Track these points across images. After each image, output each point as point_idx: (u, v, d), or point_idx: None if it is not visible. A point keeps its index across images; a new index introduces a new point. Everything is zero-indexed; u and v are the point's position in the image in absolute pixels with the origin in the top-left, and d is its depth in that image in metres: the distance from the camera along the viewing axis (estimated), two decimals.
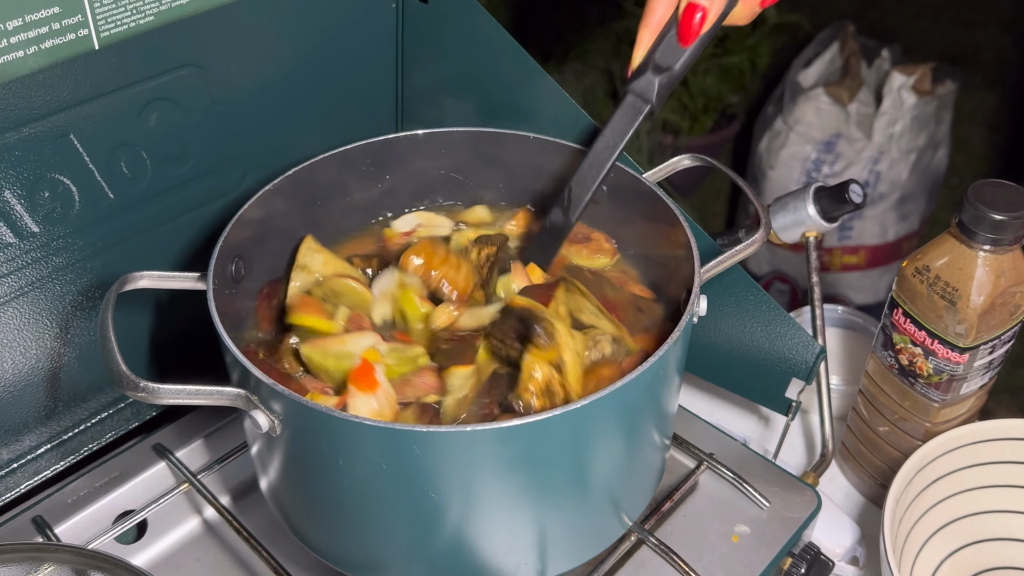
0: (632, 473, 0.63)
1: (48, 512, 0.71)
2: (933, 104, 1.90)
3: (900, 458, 0.77)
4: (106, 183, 0.68)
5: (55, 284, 0.69)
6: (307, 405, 0.52)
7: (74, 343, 0.72)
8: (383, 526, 0.58)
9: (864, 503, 0.83)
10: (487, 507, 0.57)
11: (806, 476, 0.77)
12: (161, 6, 0.64)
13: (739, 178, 0.68)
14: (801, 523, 0.71)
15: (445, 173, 0.77)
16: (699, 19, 0.61)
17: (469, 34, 0.77)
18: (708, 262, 0.63)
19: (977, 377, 0.72)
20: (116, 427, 0.77)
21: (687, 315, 0.59)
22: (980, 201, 0.66)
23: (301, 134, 0.78)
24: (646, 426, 0.62)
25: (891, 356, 0.74)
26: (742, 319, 0.75)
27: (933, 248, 0.70)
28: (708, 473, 0.74)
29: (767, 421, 0.88)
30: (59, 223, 0.67)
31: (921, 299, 0.70)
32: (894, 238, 1.97)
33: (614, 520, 0.64)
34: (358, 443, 0.53)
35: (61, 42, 0.60)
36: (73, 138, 0.64)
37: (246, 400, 0.55)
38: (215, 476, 0.74)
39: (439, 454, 0.53)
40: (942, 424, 0.75)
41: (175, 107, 0.69)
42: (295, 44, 0.75)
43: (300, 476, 0.60)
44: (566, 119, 0.74)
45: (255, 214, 0.66)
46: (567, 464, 0.57)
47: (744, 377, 0.79)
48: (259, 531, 0.69)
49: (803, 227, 0.84)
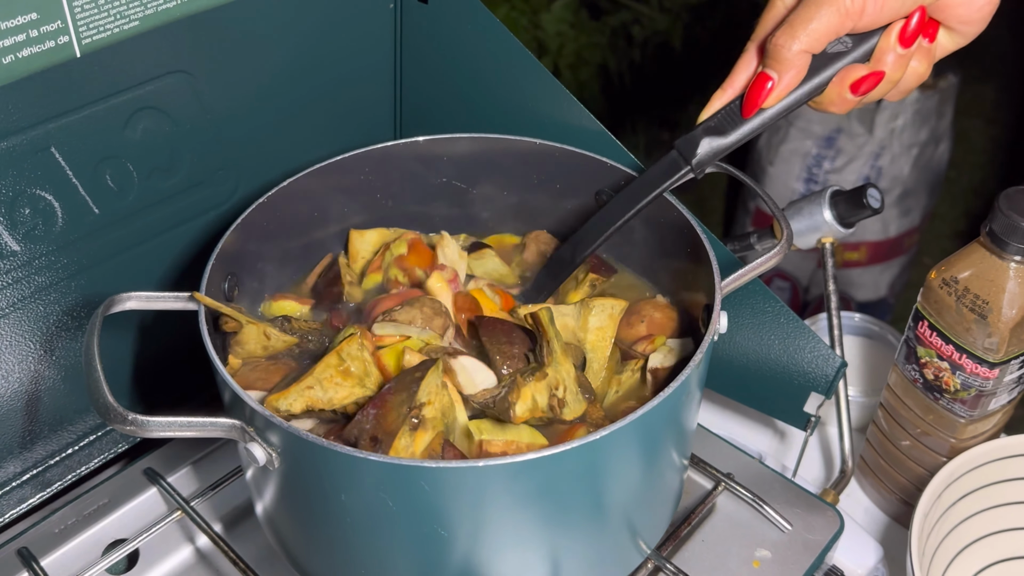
0: (650, 499, 0.60)
1: (34, 543, 0.68)
2: (935, 98, 1.87)
3: (923, 474, 0.74)
4: (90, 198, 0.64)
5: (38, 304, 0.65)
6: (306, 439, 0.49)
7: (59, 365, 0.68)
8: (389, 563, 0.55)
9: (884, 519, 0.80)
10: (499, 542, 0.54)
11: (825, 494, 0.74)
12: (146, 11, 0.60)
13: (760, 188, 0.65)
14: (824, 546, 0.68)
15: (447, 181, 0.73)
16: (768, 88, 0.56)
17: (471, 35, 0.74)
18: (727, 275, 0.60)
19: (1005, 392, 0.69)
20: (104, 451, 0.73)
21: (709, 334, 0.56)
22: (1013, 210, 0.62)
23: (297, 142, 0.75)
24: (666, 450, 0.58)
25: (915, 370, 0.71)
26: (759, 332, 0.72)
27: (961, 258, 0.66)
28: (726, 494, 0.71)
29: (783, 435, 0.85)
30: (41, 240, 0.63)
31: (949, 312, 0.67)
32: (896, 234, 1.94)
33: (631, 548, 0.61)
34: (362, 479, 0.50)
35: (40, 50, 0.57)
36: (55, 151, 0.61)
37: (241, 432, 0.52)
38: (208, 503, 0.71)
39: (450, 490, 0.49)
40: (968, 440, 0.72)
41: (163, 116, 0.65)
42: (289, 48, 0.71)
43: (300, 510, 0.56)
44: (572, 123, 0.71)
45: (248, 229, 0.63)
46: (584, 496, 0.54)
47: (761, 391, 0.76)
48: (255, 560, 0.66)
49: (819, 233, 0.81)
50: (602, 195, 0.70)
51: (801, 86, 0.56)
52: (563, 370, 0.59)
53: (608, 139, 0.70)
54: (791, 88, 0.56)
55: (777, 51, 0.55)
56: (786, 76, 0.55)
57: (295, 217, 0.68)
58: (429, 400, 0.55)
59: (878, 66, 0.55)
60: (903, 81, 0.56)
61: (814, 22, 0.53)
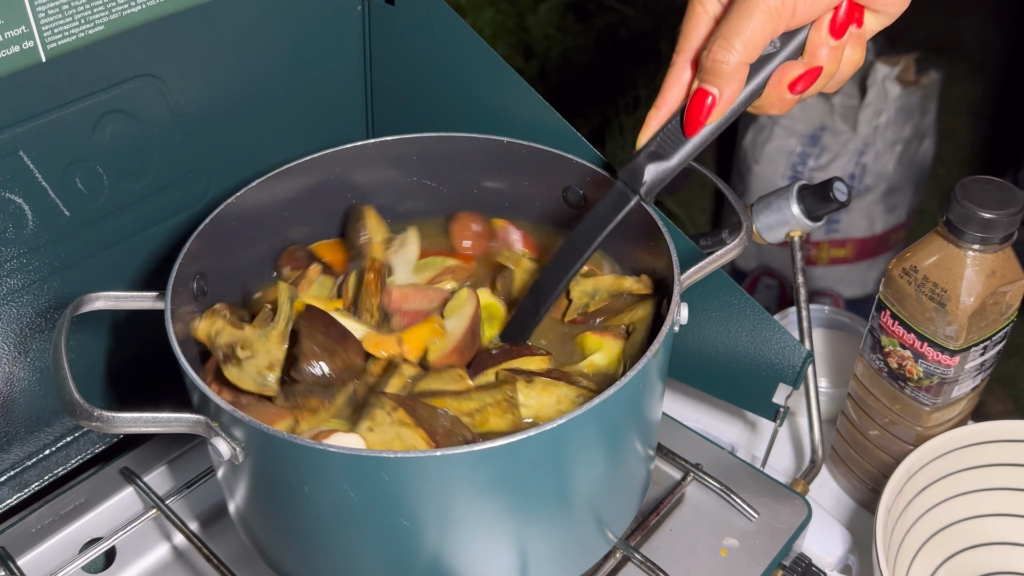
0: (615, 488, 0.61)
1: (10, 543, 0.68)
2: (918, 94, 1.88)
3: (891, 462, 0.75)
4: (60, 200, 0.65)
5: (11, 306, 0.66)
6: (268, 432, 0.50)
7: (33, 366, 0.69)
8: (355, 554, 0.56)
9: (855, 508, 0.81)
10: (463, 532, 0.54)
11: (796, 484, 0.75)
12: (111, 15, 0.61)
13: (718, 179, 0.66)
14: (791, 534, 0.69)
15: (418, 180, 0.74)
16: (708, 104, 0.54)
17: (438, 36, 0.75)
18: (688, 267, 0.61)
19: (968, 379, 0.70)
20: (81, 452, 0.74)
21: (667, 324, 0.57)
22: (968, 199, 0.63)
23: (267, 143, 0.75)
24: (628, 440, 0.59)
25: (880, 359, 0.72)
26: (726, 324, 0.73)
27: (920, 248, 0.67)
28: (695, 484, 0.72)
29: (754, 426, 0.86)
30: (12, 243, 0.64)
31: (909, 301, 0.68)
32: (882, 230, 1.95)
33: (598, 538, 0.62)
34: (323, 470, 0.51)
35: (4, 55, 0.58)
36: (23, 155, 0.62)
37: (206, 427, 0.53)
38: (184, 501, 0.72)
39: (410, 480, 0.50)
40: (934, 428, 0.73)
41: (131, 119, 0.66)
42: (257, 49, 0.72)
43: (267, 504, 0.57)
44: (540, 122, 0.72)
45: (217, 229, 0.64)
46: (546, 484, 0.55)
47: (730, 383, 0.76)
48: (229, 558, 0.66)
49: (787, 227, 0.82)
50: (569, 191, 0.70)
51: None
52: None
53: (575, 136, 0.70)
54: (733, 101, 0.54)
55: (716, 66, 0.53)
56: (727, 90, 0.54)
57: (265, 218, 0.69)
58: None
59: (813, 62, 0.54)
60: (839, 71, 0.55)
61: (747, 31, 0.51)
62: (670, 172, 0.58)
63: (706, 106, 0.54)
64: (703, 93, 0.54)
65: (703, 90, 0.54)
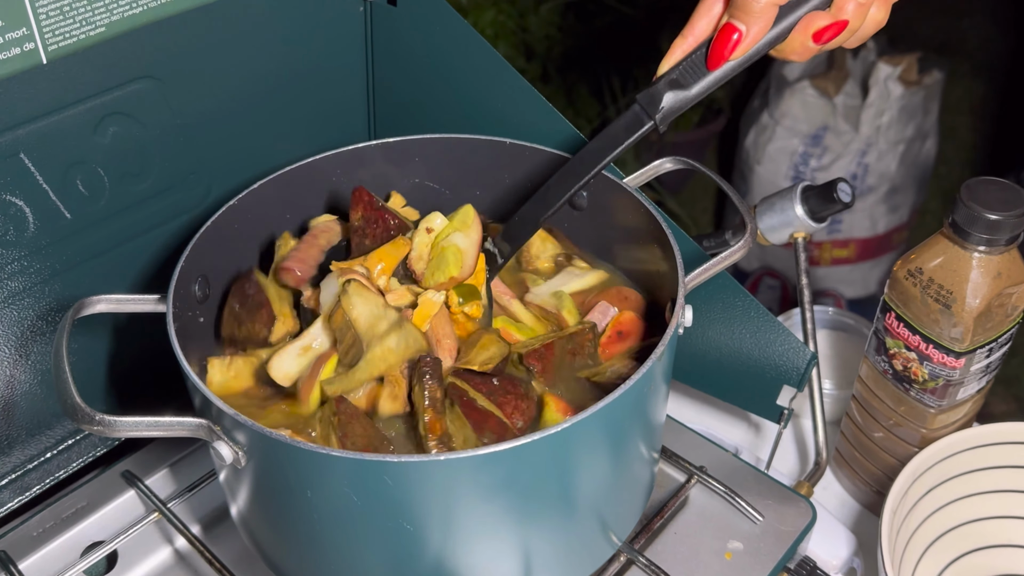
0: (620, 491, 0.61)
1: (12, 547, 0.68)
2: (920, 94, 1.88)
3: (896, 464, 0.74)
4: (62, 203, 0.65)
5: (12, 309, 0.66)
6: (271, 436, 0.49)
7: (35, 369, 0.69)
8: (358, 558, 0.56)
9: (860, 511, 0.81)
10: (467, 536, 0.54)
11: (800, 486, 0.75)
12: (112, 17, 0.61)
13: (722, 180, 0.65)
14: (796, 537, 0.68)
15: (419, 181, 0.74)
16: (735, 40, 0.55)
17: (439, 37, 0.74)
18: (692, 270, 0.60)
19: (974, 381, 0.70)
20: (83, 454, 0.74)
21: (672, 327, 0.56)
22: (974, 200, 0.63)
23: (269, 145, 0.75)
24: (633, 443, 0.59)
25: (884, 361, 0.72)
26: (730, 326, 0.73)
27: (926, 249, 0.67)
28: (699, 487, 0.72)
29: (758, 428, 0.86)
30: (13, 246, 0.64)
31: (914, 303, 0.67)
32: (884, 230, 1.94)
33: (602, 541, 0.62)
34: (326, 474, 0.50)
35: (5, 57, 0.57)
36: (24, 157, 0.61)
37: (208, 431, 0.53)
38: (185, 504, 0.71)
39: (413, 484, 0.50)
40: (939, 430, 0.72)
41: (132, 121, 0.66)
42: (259, 51, 0.72)
43: (269, 508, 0.57)
44: (543, 123, 0.72)
45: (219, 231, 0.64)
46: (550, 488, 0.54)
47: (734, 385, 0.76)
48: (232, 561, 0.66)
49: (791, 228, 0.81)
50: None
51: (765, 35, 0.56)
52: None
53: (577, 137, 0.70)
54: (759, 40, 0.55)
55: (746, 3, 0.54)
56: (754, 28, 0.54)
57: (268, 219, 0.68)
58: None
59: (840, 15, 0.54)
60: (862, 28, 0.56)
61: None
62: (688, 102, 0.58)
63: (732, 41, 0.55)
64: (730, 28, 0.55)
65: (731, 25, 0.55)
